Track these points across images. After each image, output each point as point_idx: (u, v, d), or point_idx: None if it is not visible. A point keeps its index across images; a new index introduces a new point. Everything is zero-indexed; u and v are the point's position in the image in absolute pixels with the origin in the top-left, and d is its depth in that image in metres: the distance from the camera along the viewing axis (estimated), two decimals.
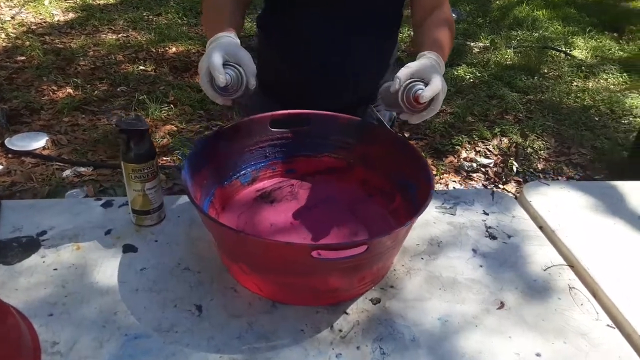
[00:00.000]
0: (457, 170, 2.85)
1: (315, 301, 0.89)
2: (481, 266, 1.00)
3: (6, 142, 2.71)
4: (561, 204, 1.18)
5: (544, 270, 1.00)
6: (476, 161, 2.91)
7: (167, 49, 4.06)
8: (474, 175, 2.82)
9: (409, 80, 0.92)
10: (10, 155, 2.65)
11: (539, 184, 1.25)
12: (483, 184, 2.75)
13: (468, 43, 4.62)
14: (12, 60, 3.69)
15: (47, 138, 2.80)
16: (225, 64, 0.89)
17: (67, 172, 2.53)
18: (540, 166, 2.91)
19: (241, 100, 0.96)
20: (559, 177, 2.83)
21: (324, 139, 1.14)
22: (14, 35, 4.10)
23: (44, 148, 2.74)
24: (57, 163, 2.61)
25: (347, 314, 0.88)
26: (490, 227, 1.11)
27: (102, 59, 3.83)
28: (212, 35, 0.96)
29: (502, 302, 0.92)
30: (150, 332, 0.82)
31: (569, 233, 1.08)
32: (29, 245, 0.97)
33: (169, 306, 0.87)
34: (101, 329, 0.82)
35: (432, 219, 1.12)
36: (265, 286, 0.89)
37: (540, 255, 1.04)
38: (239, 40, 0.97)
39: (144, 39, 4.21)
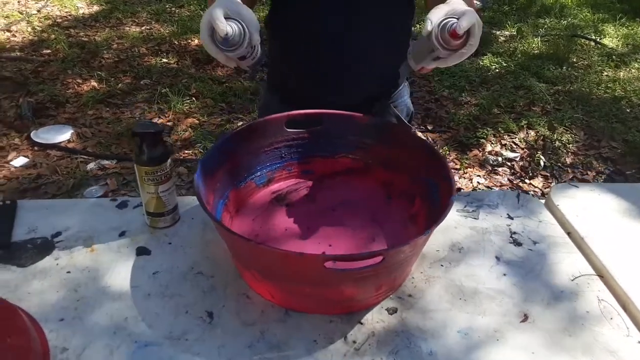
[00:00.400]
0: (482, 164, 2.78)
1: (329, 310, 0.86)
2: (505, 275, 0.96)
3: (32, 135, 2.75)
4: (591, 207, 1.12)
5: (572, 280, 0.95)
6: (502, 155, 2.83)
7: (189, 41, 4.06)
8: (500, 169, 2.75)
9: (441, 19, 0.86)
10: (36, 148, 2.69)
11: (567, 186, 1.19)
12: (509, 179, 2.68)
13: (494, 32, 4.50)
14: (38, 54, 3.75)
15: (72, 131, 2.83)
16: (227, 18, 0.84)
17: (91, 165, 2.56)
18: (568, 160, 2.82)
19: (247, 66, 0.91)
20: (588, 172, 2.74)
21: (340, 138, 1.11)
22: (40, 29, 4.16)
23: (69, 141, 2.77)
24: (82, 156, 2.64)
25: (361, 324, 0.85)
26: (515, 233, 1.06)
27: (125, 52, 3.85)
28: None
29: (525, 315, 0.88)
30: (161, 340, 0.80)
31: (598, 240, 1.03)
32: (44, 246, 0.97)
33: (180, 312, 0.85)
34: (112, 335, 0.81)
35: (453, 223, 1.08)
36: (278, 294, 0.86)
37: (568, 264, 0.99)
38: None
39: (167, 31, 4.22)
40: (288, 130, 1.08)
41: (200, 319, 0.84)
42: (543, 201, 1.18)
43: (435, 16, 0.85)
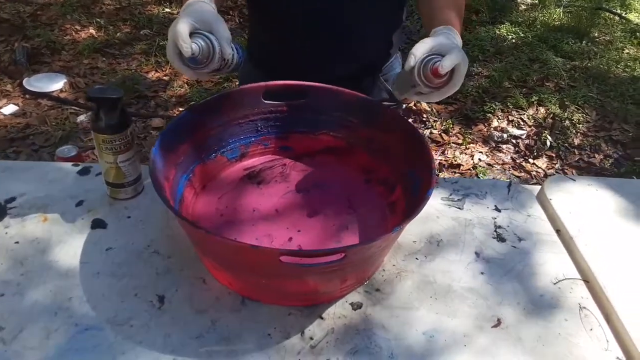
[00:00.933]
0: (486, 140, 2.68)
1: (288, 301, 0.81)
2: (482, 273, 0.89)
3: (24, 82, 2.68)
4: (586, 204, 1.04)
5: (554, 283, 0.89)
6: (507, 132, 2.72)
7: None
8: (504, 147, 2.65)
9: (425, 55, 0.81)
10: (27, 97, 2.62)
11: (563, 178, 1.11)
12: (512, 157, 2.58)
13: None
14: None
15: (65, 80, 2.75)
16: (194, 33, 0.78)
17: (81, 117, 2.49)
18: (576, 141, 2.71)
19: (223, 73, 0.85)
20: (596, 155, 2.63)
21: (323, 114, 1.03)
22: None
23: (61, 90, 2.70)
24: (73, 107, 2.57)
25: (322, 318, 0.80)
26: (499, 227, 0.99)
27: None
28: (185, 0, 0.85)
29: (499, 319, 0.82)
30: (104, 324, 0.75)
31: (589, 241, 0.95)
32: None
33: (129, 295, 0.80)
34: (52, 316, 0.76)
35: (435, 212, 1.01)
36: (235, 282, 0.81)
37: (553, 265, 0.92)
38: (214, 6, 0.85)
39: None
40: (266, 102, 1.00)
41: (149, 303, 0.79)
42: (535, 193, 1.10)
43: (419, 51, 0.81)
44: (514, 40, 3.63)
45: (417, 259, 0.91)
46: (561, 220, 1.00)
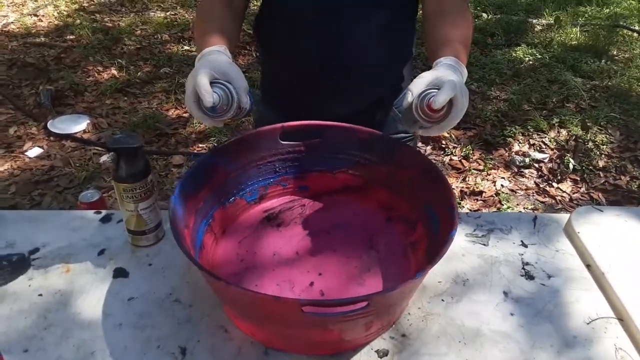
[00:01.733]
0: (508, 165, 2.64)
1: (313, 351, 0.79)
2: (512, 314, 0.86)
3: (48, 124, 2.74)
4: (616, 237, 1.01)
5: (587, 323, 0.85)
6: (529, 156, 2.68)
7: None
8: (526, 171, 2.60)
9: (423, 90, 0.81)
10: (51, 139, 2.68)
11: (590, 209, 1.08)
12: (535, 182, 2.54)
13: (530, 20, 4.28)
14: (62, 40, 3.74)
15: (88, 121, 2.81)
16: (213, 83, 0.79)
17: (104, 158, 2.52)
18: (601, 163, 2.65)
19: (236, 119, 0.86)
20: (622, 177, 2.57)
21: (340, 153, 1.02)
22: (66, 13, 4.16)
23: (84, 131, 2.75)
24: (96, 148, 2.62)
25: None
26: (527, 264, 0.96)
27: (148, 39, 3.82)
28: (201, 49, 0.87)
29: None
30: None
31: (621, 276, 0.92)
32: (19, 265, 0.92)
33: (151, 347, 0.79)
34: None
35: (460, 250, 0.99)
36: (257, 332, 0.79)
37: (585, 303, 0.89)
38: (229, 55, 0.87)
39: (191, 17, 4.16)
40: (283, 142, 1.00)
41: (172, 355, 0.78)
42: (562, 224, 1.07)
43: (416, 87, 0.81)
44: (531, 62, 3.61)
45: (443, 300, 0.89)
46: (591, 255, 0.97)
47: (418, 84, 0.81)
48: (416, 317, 0.86)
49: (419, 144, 2.55)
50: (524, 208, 2.36)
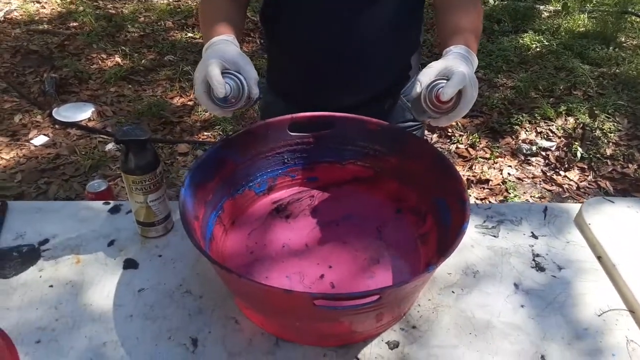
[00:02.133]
0: (514, 153, 2.63)
1: (323, 342, 0.79)
2: (523, 306, 0.86)
3: (53, 112, 2.74)
4: (627, 228, 1.00)
5: (598, 315, 0.85)
6: (536, 144, 2.66)
7: None
8: (533, 159, 2.59)
9: (432, 80, 0.81)
10: (57, 127, 2.68)
11: (601, 200, 1.07)
12: (542, 170, 2.52)
13: (537, 6, 4.22)
14: (65, 27, 3.72)
15: (93, 109, 2.80)
16: (224, 73, 0.78)
17: (109, 146, 2.53)
18: (608, 151, 2.63)
19: (244, 108, 0.86)
20: (629, 165, 2.55)
21: (349, 144, 1.01)
22: (69, 0, 4.12)
23: (89, 119, 2.75)
24: (101, 136, 2.61)
25: (358, 359, 0.78)
26: (538, 255, 0.96)
27: (151, 26, 3.79)
28: (208, 38, 0.85)
29: (542, 356, 0.78)
30: None
31: (633, 268, 0.91)
32: (29, 255, 0.92)
33: (163, 338, 0.79)
34: None
35: (470, 242, 0.98)
36: (268, 324, 0.79)
37: (596, 295, 0.88)
38: (237, 44, 0.86)
39: (195, 3, 4.13)
40: (292, 134, 1.00)
41: (183, 346, 0.78)
42: (572, 215, 1.06)
43: (425, 78, 0.80)
44: (538, 49, 3.58)
45: (453, 292, 0.89)
46: (602, 247, 0.96)
47: (427, 74, 0.81)
48: (426, 309, 0.86)
49: (426, 132, 2.54)
50: (530, 196, 2.35)
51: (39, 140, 2.54)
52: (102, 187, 1.37)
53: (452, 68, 0.80)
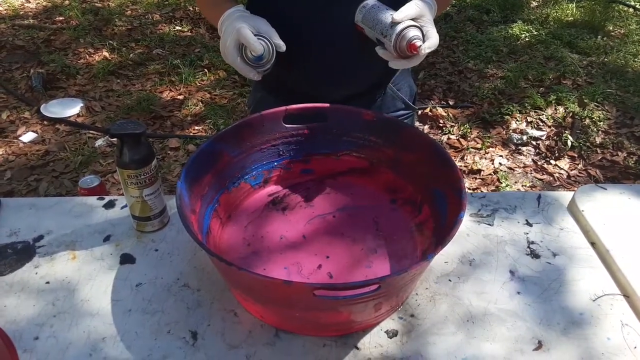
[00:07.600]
0: (505, 143, 2.65)
1: (323, 332, 0.79)
2: (519, 293, 0.87)
3: (42, 108, 2.71)
4: (620, 214, 1.01)
5: (593, 300, 0.86)
6: (527, 133, 2.68)
7: None
8: (524, 149, 2.61)
9: (404, 25, 0.87)
10: (45, 123, 2.65)
11: (594, 187, 1.08)
12: (533, 159, 2.54)
13: None
14: (51, 21, 3.67)
15: (82, 105, 2.78)
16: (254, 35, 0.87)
17: (99, 142, 2.51)
18: (598, 140, 2.66)
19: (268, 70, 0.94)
20: (619, 152, 2.58)
21: (344, 135, 1.02)
22: None
23: (78, 115, 2.72)
24: (90, 131, 2.59)
25: (357, 349, 0.78)
26: (532, 243, 0.96)
27: (139, 19, 3.76)
28: (218, 13, 0.92)
29: (539, 342, 0.79)
30: None
31: (626, 254, 0.92)
32: (24, 252, 0.92)
33: (162, 332, 0.79)
34: (87, 358, 0.75)
35: (465, 230, 0.99)
36: (267, 315, 0.80)
37: (590, 280, 0.90)
38: (249, 13, 0.93)
39: None
40: (286, 125, 0.99)
41: (182, 340, 0.78)
42: (565, 203, 1.07)
43: (404, 15, 0.86)
44: (527, 39, 3.59)
45: (450, 280, 0.89)
46: (595, 233, 0.97)
47: (406, 12, 0.86)
48: (424, 298, 0.86)
49: (417, 123, 2.54)
50: (522, 186, 2.37)
51: (28, 137, 2.51)
52: (94, 183, 1.36)
53: (426, 21, 0.88)
